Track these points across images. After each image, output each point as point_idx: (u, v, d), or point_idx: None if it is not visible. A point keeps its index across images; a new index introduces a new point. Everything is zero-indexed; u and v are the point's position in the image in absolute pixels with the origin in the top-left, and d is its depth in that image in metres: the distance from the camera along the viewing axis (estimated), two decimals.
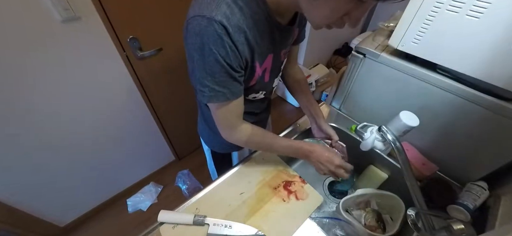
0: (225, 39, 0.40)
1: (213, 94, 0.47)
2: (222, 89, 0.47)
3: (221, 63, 0.42)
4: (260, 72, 0.54)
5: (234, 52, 0.43)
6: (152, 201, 1.57)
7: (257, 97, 0.64)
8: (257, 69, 0.52)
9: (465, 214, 0.57)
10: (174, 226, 0.59)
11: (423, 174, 0.72)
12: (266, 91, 0.65)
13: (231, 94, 0.49)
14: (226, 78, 0.45)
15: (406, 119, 0.56)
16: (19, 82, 0.88)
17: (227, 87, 0.47)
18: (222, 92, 0.47)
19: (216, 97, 0.48)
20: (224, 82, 0.46)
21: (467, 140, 0.66)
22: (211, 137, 0.80)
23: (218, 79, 0.45)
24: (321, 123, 0.74)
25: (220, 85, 0.46)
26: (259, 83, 0.57)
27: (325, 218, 0.76)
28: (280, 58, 0.58)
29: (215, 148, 0.83)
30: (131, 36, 1.04)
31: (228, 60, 0.43)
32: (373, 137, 0.63)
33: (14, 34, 0.79)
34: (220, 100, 0.48)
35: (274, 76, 0.63)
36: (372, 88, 0.82)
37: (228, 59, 0.43)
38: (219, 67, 0.43)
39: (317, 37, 2.09)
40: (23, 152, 1.03)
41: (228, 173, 0.73)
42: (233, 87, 0.48)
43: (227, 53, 0.42)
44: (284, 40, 0.55)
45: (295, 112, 2.35)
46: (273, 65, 0.57)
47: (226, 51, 0.42)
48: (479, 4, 0.50)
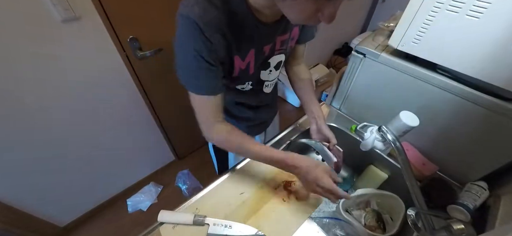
0: (198, 34, 0.44)
1: (191, 82, 0.51)
2: (196, 82, 0.51)
3: (198, 58, 0.46)
4: (244, 66, 0.56)
5: (208, 48, 0.46)
6: (152, 201, 1.57)
7: (245, 87, 0.66)
8: (238, 62, 0.54)
9: (465, 214, 0.57)
10: (174, 226, 0.59)
11: (423, 174, 0.72)
12: (253, 82, 0.66)
13: (209, 90, 0.52)
14: (204, 73, 0.49)
15: (406, 119, 0.56)
16: (18, 82, 0.88)
17: (204, 82, 0.51)
18: (196, 84, 0.51)
19: (194, 86, 0.52)
20: (200, 76, 0.50)
21: (467, 140, 0.66)
22: None
23: (195, 73, 0.49)
24: (321, 125, 0.73)
25: (196, 78, 0.50)
26: (243, 75, 0.59)
27: (325, 218, 0.76)
28: (264, 53, 0.59)
29: None
30: (131, 36, 1.04)
31: (204, 54, 0.46)
32: (373, 137, 0.63)
33: (14, 34, 0.79)
34: (197, 91, 0.52)
35: (259, 69, 0.64)
36: (372, 88, 0.82)
37: (204, 53, 0.46)
38: (196, 63, 0.47)
39: (317, 37, 2.08)
40: (23, 152, 1.03)
41: (228, 173, 0.73)
42: (208, 81, 0.51)
43: (201, 48, 0.45)
44: (267, 37, 0.56)
45: (295, 112, 2.35)
46: (257, 59, 0.58)
47: (200, 46, 0.45)
48: (479, 4, 0.50)
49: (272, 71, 0.67)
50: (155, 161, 1.69)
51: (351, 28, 2.63)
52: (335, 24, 1.83)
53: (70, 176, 1.25)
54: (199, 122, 0.58)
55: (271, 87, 0.74)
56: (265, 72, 0.65)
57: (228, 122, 0.60)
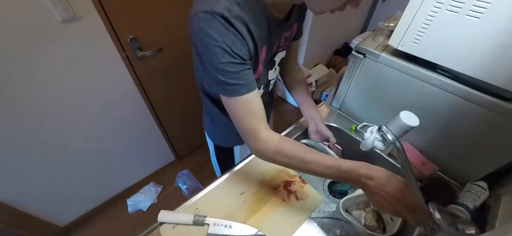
0: (229, 28, 0.40)
1: (233, 89, 0.45)
2: (234, 81, 0.44)
3: (229, 52, 0.42)
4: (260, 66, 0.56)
5: (240, 40, 0.42)
6: (152, 201, 1.57)
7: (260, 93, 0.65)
8: (259, 62, 0.53)
9: (465, 214, 0.57)
10: (174, 226, 0.59)
11: (423, 174, 0.72)
12: (263, 84, 0.66)
13: (249, 87, 0.46)
14: (237, 68, 0.44)
15: (406, 119, 0.56)
16: (18, 82, 0.88)
17: (241, 78, 0.44)
18: (234, 85, 0.45)
19: (236, 91, 0.45)
20: (235, 74, 0.44)
21: (467, 140, 0.66)
22: (215, 132, 0.81)
23: (230, 71, 0.43)
24: (319, 125, 0.74)
25: (233, 78, 0.44)
26: (258, 76, 0.58)
27: (325, 218, 0.76)
28: (272, 50, 0.59)
29: (218, 142, 0.84)
30: (131, 36, 1.04)
31: (235, 48, 0.42)
32: (373, 137, 0.63)
33: (14, 34, 0.79)
34: (233, 93, 0.46)
35: (267, 68, 0.64)
36: (372, 88, 0.82)
37: (235, 47, 0.42)
38: (228, 58, 0.42)
39: (317, 37, 2.09)
40: (23, 153, 1.03)
41: (228, 173, 0.73)
42: (247, 76, 0.45)
43: (234, 41, 0.41)
44: (278, 34, 0.56)
45: (295, 112, 2.35)
46: (266, 57, 0.58)
47: (232, 40, 0.41)
48: (479, 4, 0.50)
49: (276, 68, 0.67)
50: (155, 161, 1.69)
51: (351, 28, 2.63)
52: (335, 24, 1.86)
53: (70, 176, 1.25)
54: (242, 133, 0.51)
55: (272, 85, 0.74)
56: (271, 71, 0.66)
57: None
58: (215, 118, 0.75)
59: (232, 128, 0.76)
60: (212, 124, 0.78)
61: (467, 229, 0.51)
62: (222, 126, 0.77)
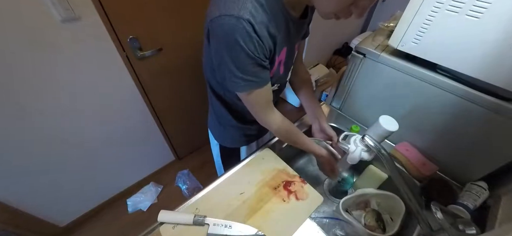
0: (253, 36, 0.43)
1: (246, 83, 0.51)
2: (253, 79, 0.50)
3: (252, 56, 0.46)
4: (276, 65, 0.57)
5: (261, 47, 0.46)
6: (152, 201, 1.57)
7: (272, 89, 0.66)
8: (276, 61, 0.55)
9: (465, 214, 0.57)
10: (174, 226, 0.59)
11: (423, 174, 0.72)
12: (280, 84, 0.67)
13: (262, 81, 0.53)
14: (256, 68, 0.49)
15: (385, 124, 0.55)
16: (18, 82, 0.88)
17: (257, 76, 0.51)
18: (254, 81, 0.51)
19: (249, 86, 0.52)
20: (255, 73, 0.50)
21: (467, 140, 0.66)
22: (221, 132, 0.82)
23: (249, 71, 0.49)
24: (323, 124, 0.75)
25: (251, 75, 0.50)
26: (275, 75, 0.60)
27: (325, 218, 0.76)
28: (294, 51, 0.61)
29: (225, 143, 0.85)
30: (131, 36, 1.04)
31: (257, 54, 0.46)
32: (359, 149, 0.62)
33: (14, 34, 0.79)
34: (253, 87, 0.52)
35: (287, 69, 0.65)
36: (372, 88, 0.82)
37: (257, 53, 0.46)
38: (249, 61, 0.47)
39: (317, 37, 2.09)
40: (23, 152, 1.03)
41: (228, 173, 0.73)
42: (263, 74, 0.52)
43: (255, 48, 0.45)
44: (297, 33, 0.58)
45: (295, 111, 2.35)
46: (287, 57, 0.59)
47: (254, 46, 0.45)
48: (479, 4, 0.50)
49: (291, 69, 0.69)
50: (155, 161, 1.69)
51: (351, 28, 2.63)
52: (335, 24, 1.86)
53: (70, 176, 1.25)
54: (255, 112, 0.61)
55: None
56: (290, 72, 0.68)
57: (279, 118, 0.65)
58: (223, 120, 0.76)
59: (240, 129, 0.76)
60: (219, 125, 0.78)
61: (467, 229, 0.51)
62: (230, 128, 0.77)
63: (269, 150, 0.80)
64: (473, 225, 0.51)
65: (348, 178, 0.89)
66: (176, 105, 1.47)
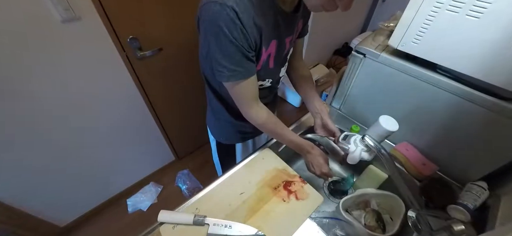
0: (237, 23, 0.44)
1: (231, 74, 0.51)
2: (238, 68, 0.50)
3: (235, 44, 0.46)
4: (265, 57, 0.57)
5: (245, 35, 0.46)
6: (152, 201, 1.57)
7: (264, 85, 0.66)
8: (263, 53, 0.55)
9: (465, 214, 0.57)
10: (174, 226, 0.59)
11: (423, 174, 0.72)
12: (272, 80, 0.67)
13: (247, 73, 0.53)
14: (241, 57, 0.49)
15: (386, 124, 0.55)
16: (19, 82, 0.88)
17: (242, 66, 0.51)
18: (238, 71, 0.51)
19: (234, 76, 0.52)
20: (239, 62, 0.50)
21: (467, 140, 0.66)
22: (217, 128, 0.82)
23: (234, 60, 0.49)
24: (326, 119, 0.74)
25: (236, 65, 0.50)
26: (264, 68, 0.59)
27: (325, 218, 0.76)
28: (285, 46, 0.60)
29: (220, 139, 0.85)
30: (131, 36, 1.04)
31: (241, 41, 0.46)
32: (359, 149, 0.62)
33: (14, 34, 0.79)
34: (238, 78, 0.52)
35: (279, 65, 0.65)
36: (372, 88, 0.82)
37: (241, 41, 0.46)
38: (234, 48, 0.47)
39: (317, 36, 2.09)
40: (23, 152, 1.03)
41: (228, 173, 0.73)
42: (248, 65, 0.52)
43: (239, 35, 0.45)
44: (288, 27, 0.57)
45: (295, 112, 2.35)
46: (278, 51, 0.59)
47: (238, 34, 0.45)
48: (479, 4, 0.50)
49: (285, 65, 0.69)
50: (155, 161, 1.69)
51: (351, 28, 2.63)
52: (335, 24, 1.86)
53: (70, 176, 1.25)
54: (240, 105, 0.61)
55: (280, 82, 0.75)
56: (283, 68, 0.67)
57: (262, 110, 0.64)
58: (218, 115, 0.76)
59: (234, 126, 0.76)
60: (215, 120, 0.79)
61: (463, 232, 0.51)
62: (225, 123, 0.77)
63: (269, 150, 0.80)
64: (469, 227, 0.51)
65: (348, 178, 0.89)
66: (176, 105, 1.47)
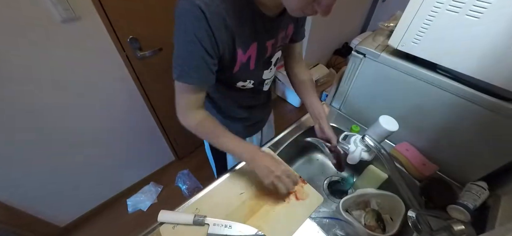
0: (202, 23, 0.43)
1: (184, 74, 0.49)
2: (192, 72, 0.49)
3: (197, 44, 0.45)
4: (244, 59, 0.55)
5: (210, 37, 0.45)
6: (152, 201, 1.57)
7: (245, 85, 0.64)
8: (240, 56, 0.53)
9: (465, 214, 0.57)
10: (174, 226, 0.59)
11: (423, 174, 0.72)
12: (254, 81, 0.65)
13: (200, 80, 0.51)
14: (200, 62, 0.48)
15: (386, 124, 0.55)
16: (19, 82, 0.88)
17: (199, 72, 0.49)
18: (191, 75, 0.49)
19: (186, 77, 0.50)
20: (196, 66, 0.48)
21: (467, 140, 0.66)
22: None
23: (191, 62, 0.47)
24: (323, 125, 0.73)
25: (192, 68, 0.48)
26: (243, 70, 0.58)
27: (325, 218, 0.76)
28: (266, 49, 0.59)
29: None
30: (131, 36, 1.04)
31: (204, 43, 0.45)
32: (359, 149, 0.62)
33: (14, 34, 0.79)
34: (188, 81, 0.50)
35: (261, 67, 0.63)
36: (372, 88, 0.82)
37: (204, 42, 0.45)
38: (195, 49, 0.46)
39: (317, 37, 2.09)
40: (23, 152, 1.03)
41: (228, 173, 0.73)
42: (204, 73, 0.50)
43: (203, 36, 0.44)
44: (269, 31, 0.55)
45: (295, 112, 2.35)
46: (258, 54, 0.57)
47: (202, 34, 0.44)
48: (479, 4, 0.50)
49: (272, 69, 0.67)
50: (155, 161, 1.69)
51: (351, 28, 2.63)
52: (335, 24, 1.86)
53: (70, 176, 1.25)
54: (177, 104, 0.58)
55: (269, 84, 0.74)
56: (266, 70, 0.66)
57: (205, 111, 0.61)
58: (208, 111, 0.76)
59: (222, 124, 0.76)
60: None
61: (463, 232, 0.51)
62: None
63: (269, 150, 0.80)
64: (469, 228, 0.51)
65: (348, 178, 0.89)
66: None
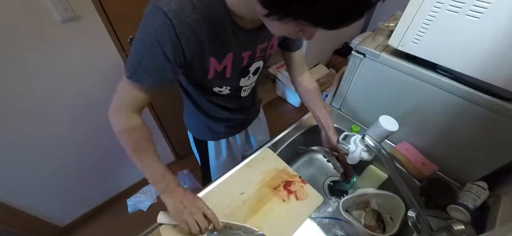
0: (168, 29, 0.41)
1: (138, 74, 0.47)
2: (146, 75, 0.46)
3: (158, 48, 0.43)
4: (219, 69, 0.54)
5: (175, 45, 0.43)
6: (152, 201, 1.57)
7: (222, 91, 0.64)
8: (213, 64, 0.52)
9: (465, 214, 0.56)
10: (174, 226, 0.59)
11: (423, 174, 0.72)
12: (231, 87, 0.64)
13: (153, 84, 0.48)
14: (157, 65, 0.45)
15: (386, 124, 0.55)
16: (19, 82, 0.88)
17: (153, 75, 0.47)
18: (145, 77, 0.47)
19: (139, 77, 0.47)
20: (152, 68, 0.46)
21: (467, 140, 0.66)
22: (189, 122, 0.85)
23: (147, 63, 0.45)
24: (330, 135, 0.73)
25: (147, 70, 0.46)
26: (219, 78, 0.57)
27: (325, 218, 0.76)
28: (243, 60, 0.57)
29: (193, 132, 0.87)
30: (131, 36, 1.04)
31: (165, 49, 0.43)
32: (359, 149, 0.62)
33: (14, 34, 0.79)
34: (141, 82, 0.48)
35: (238, 75, 0.62)
36: (372, 88, 0.82)
37: (166, 48, 0.43)
38: (152, 52, 0.44)
39: (317, 37, 2.08)
40: (23, 152, 1.03)
41: (228, 173, 0.73)
42: (158, 78, 0.47)
43: (166, 42, 0.42)
44: (245, 43, 0.54)
45: (295, 112, 2.35)
46: (235, 64, 0.56)
47: (164, 40, 0.42)
48: (479, 4, 0.50)
49: (250, 77, 0.66)
50: None
51: (351, 28, 2.62)
52: None
53: (70, 176, 1.25)
54: (113, 103, 0.55)
55: (248, 91, 0.72)
56: (244, 78, 0.64)
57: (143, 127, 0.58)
58: (189, 110, 0.78)
59: (205, 123, 0.76)
60: (187, 114, 0.82)
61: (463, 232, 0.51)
62: (195, 120, 0.79)
63: (269, 150, 0.80)
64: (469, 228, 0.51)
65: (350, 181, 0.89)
66: (176, 105, 1.47)
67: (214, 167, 0.91)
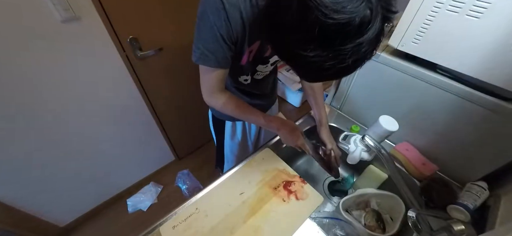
0: (222, 13, 0.46)
1: (203, 57, 0.53)
2: (210, 55, 0.53)
3: (215, 32, 0.49)
4: (246, 55, 0.58)
5: (228, 27, 0.49)
6: (152, 201, 1.57)
7: (248, 80, 0.70)
8: (246, 50, 0.56)
9: (465, 214, 0.57)
10: (174, 226, 0.59)
11: (423, 174, 0.72)
12: (250, 72, 0.69)
13: (217, 62, 0.54)
14: (217, 46, 0.51)
15: (386, 124, 0.55)
16: (19, 82, 0.88)
17: (215, 55, 0.53)
18: (210, 57, 0.53)
19: (204, 60, 0.54)
20: (213, 49, 0.52)
21: (467, 140, 0.66)
22: None
23: (209, 46, 0.52)
24: (321, 129, 0.77)
25: (210, 51, 0.52)
26: (246, 65, 0.62)
27: (325, 218, 0.76)
28: (266, 50, 0.61)
29: (214, 113, 0.89)
30: (131, 36, 1.04)
31: (222, 31, 0.49)
32: (359, 149, 0.62)
33: (14, 34, 0.79)
34: (206, 63, 0.55)
35: (257, 62, 0.66)
36: (372, 88, 0.82)
37: (222, 30, 0.49)
38: (212, 35, 0.49)
39: None
40: (23, 152, 1.03)
41: (228, 173, 0.73)
42: (221, 56, 0.54)
43: (222, 25, 0.48)
44: None
45: (295, 112, 2.35)
46: (259, 52, 0.60)
47: (220, 23, 0.48)
48: (479, 4, 0.50)
49: (267, 66, 0.69)
50: (155, 161, 1.69)
51: None
52: None
53: (70, 176, 1.25)
54: (203, 90, 0.64)
55: (262, 75, 0.75)
56: (262, 65, 0.68)
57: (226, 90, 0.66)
58: None
59: None
60: None
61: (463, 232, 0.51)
62: None
63: (269, 150, 0.80)
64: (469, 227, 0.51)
65: (348, 178, 0.89)
66: (176, 105, 1.47)
67: (228, 146, 0.96)
